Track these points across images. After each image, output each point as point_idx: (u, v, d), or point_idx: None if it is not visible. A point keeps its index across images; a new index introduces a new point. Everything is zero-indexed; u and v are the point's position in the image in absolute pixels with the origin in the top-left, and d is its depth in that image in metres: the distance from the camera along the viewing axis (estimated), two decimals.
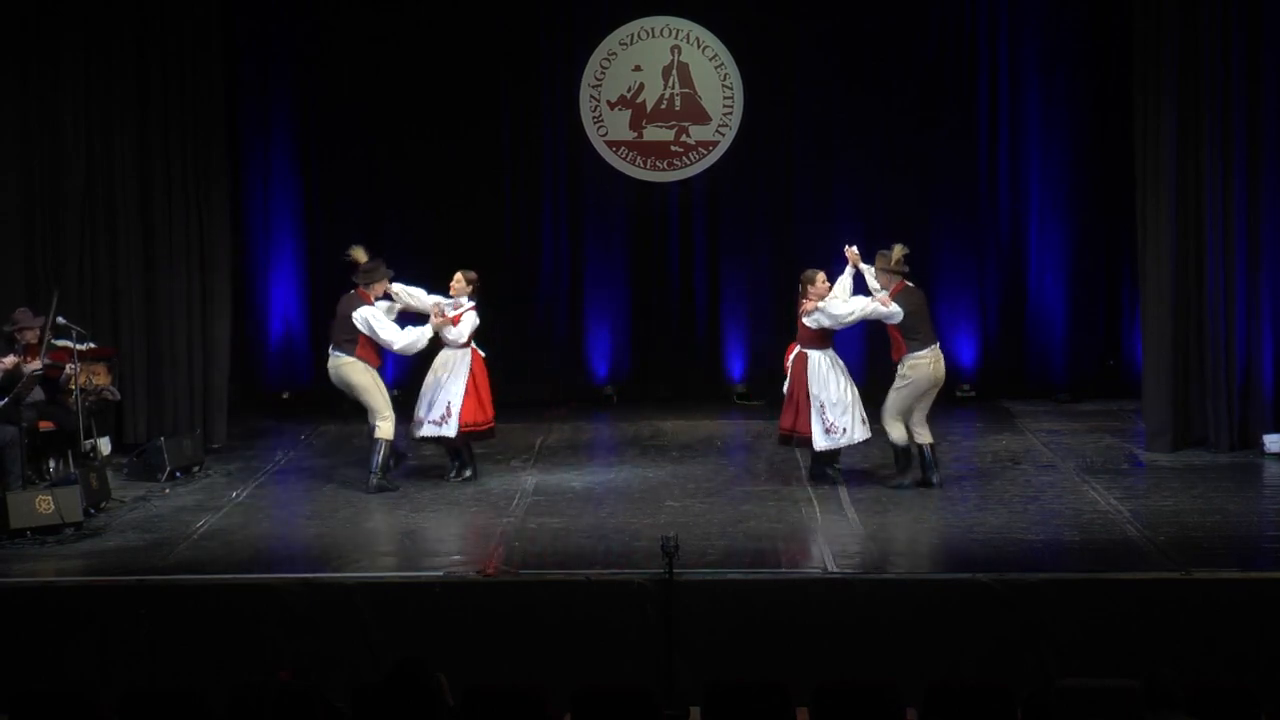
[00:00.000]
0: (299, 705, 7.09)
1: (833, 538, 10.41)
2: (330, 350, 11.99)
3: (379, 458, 11.79)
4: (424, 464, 12.62)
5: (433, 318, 11.87)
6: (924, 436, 11.55)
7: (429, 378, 12.01)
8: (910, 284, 11.59)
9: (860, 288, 11.78)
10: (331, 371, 11.98)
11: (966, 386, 15.09)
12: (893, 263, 11.52)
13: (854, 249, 11.82)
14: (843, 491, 11.49)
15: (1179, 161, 12.64)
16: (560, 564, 9.89)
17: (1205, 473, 12.05)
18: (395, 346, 11.91)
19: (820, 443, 11.56)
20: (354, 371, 11.87)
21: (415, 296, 12.09)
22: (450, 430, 11.88)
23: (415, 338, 11.89)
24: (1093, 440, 13.27)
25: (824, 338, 11.56)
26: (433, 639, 9.13)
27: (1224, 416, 12.64)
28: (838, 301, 11.53)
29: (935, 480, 11.52)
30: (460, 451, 12.12)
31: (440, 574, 9.73)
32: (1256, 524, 10.72)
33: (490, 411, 12.08)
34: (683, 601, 9.17)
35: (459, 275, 12.09)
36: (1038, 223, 15.12)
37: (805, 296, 11.55)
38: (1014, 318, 15.27)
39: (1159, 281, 12.76)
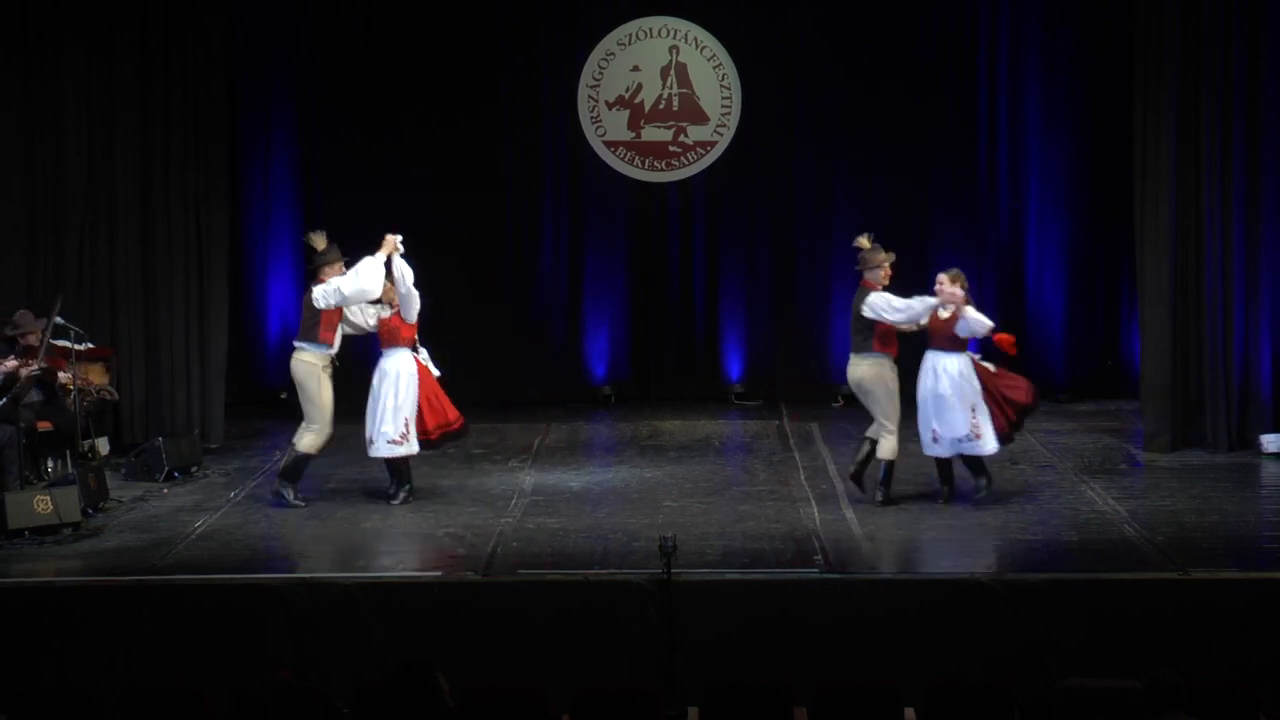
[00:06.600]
0: (299, 705, 7.08)
1: (831, 538, 10.42)
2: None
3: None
4: (422, 465, 12.60)
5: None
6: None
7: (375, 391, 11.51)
8: None
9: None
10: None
11: None
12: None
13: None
14: (841, 492, 11.49)
15: (1179, 162, 12.65)
16: (558, 564, 9.89)
17: (1203, 473, 12.06)
18: (365, 288, 11.38)
19: (990, 446, 11.07)
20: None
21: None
22: (413, 447, 11.44)
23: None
24: (1091, 440, 13.28)
25: (958, 342, 11.14)
26: (433, 639, 9.12)
27: (1222, 417, 12.65)
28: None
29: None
30: (401, 470, 11.54)
31: (440, 574, 9.74)
32: (1254, 524, 10.73)
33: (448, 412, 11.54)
34: (682, 601, 9.16)
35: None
36: (1037, 223, 15.13)
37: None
38: (1013, 317, 15.20)
39: (1158, 281, 12.77)
